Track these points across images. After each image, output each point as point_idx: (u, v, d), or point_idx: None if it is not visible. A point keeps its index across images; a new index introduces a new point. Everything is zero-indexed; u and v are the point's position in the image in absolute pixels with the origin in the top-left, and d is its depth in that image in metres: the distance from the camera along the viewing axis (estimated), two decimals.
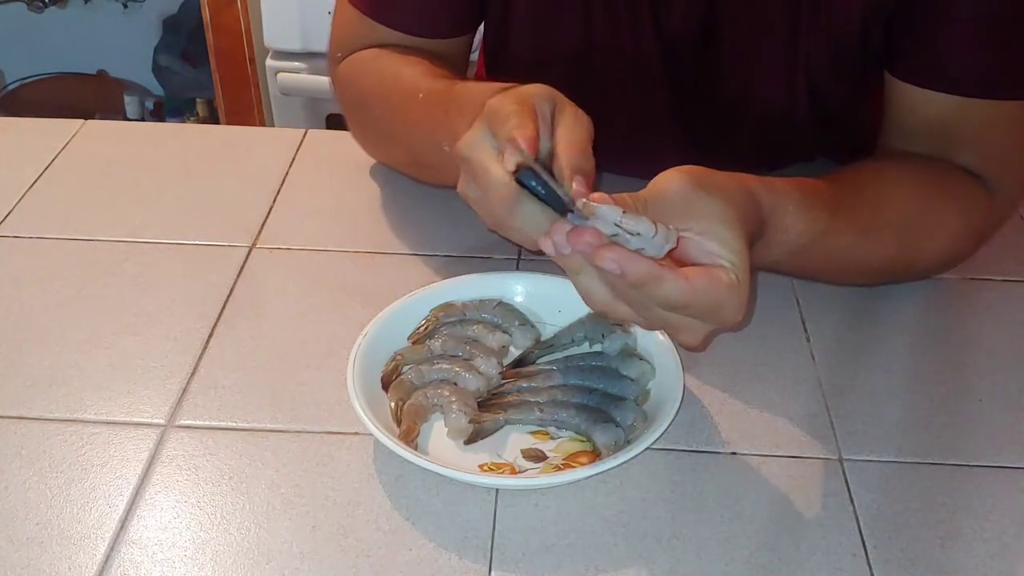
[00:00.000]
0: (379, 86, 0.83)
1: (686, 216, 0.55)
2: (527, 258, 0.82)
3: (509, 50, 0.92)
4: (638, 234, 0.52)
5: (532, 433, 0.66)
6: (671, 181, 0.56)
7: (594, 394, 0.66)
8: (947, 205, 0.75)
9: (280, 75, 1.81)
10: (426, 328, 0.71)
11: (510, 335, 0.72)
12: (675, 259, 0.55)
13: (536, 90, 0.64)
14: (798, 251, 0.65)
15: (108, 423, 0.66)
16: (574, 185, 0.56)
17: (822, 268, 0.74)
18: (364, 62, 0.85)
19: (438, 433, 0.65)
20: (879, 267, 0.76)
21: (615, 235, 0.53)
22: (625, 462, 0.61)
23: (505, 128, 0.59)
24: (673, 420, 0.63)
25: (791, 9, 0.78)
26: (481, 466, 0.63)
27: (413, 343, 0.71)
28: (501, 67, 0.96)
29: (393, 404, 0.66)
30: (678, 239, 0.55)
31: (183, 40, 2.48)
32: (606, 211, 0.52)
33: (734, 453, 0.65)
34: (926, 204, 0.73)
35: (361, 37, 0.86)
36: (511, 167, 0.57)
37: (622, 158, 0.92)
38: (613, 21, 0.82)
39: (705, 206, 0.55)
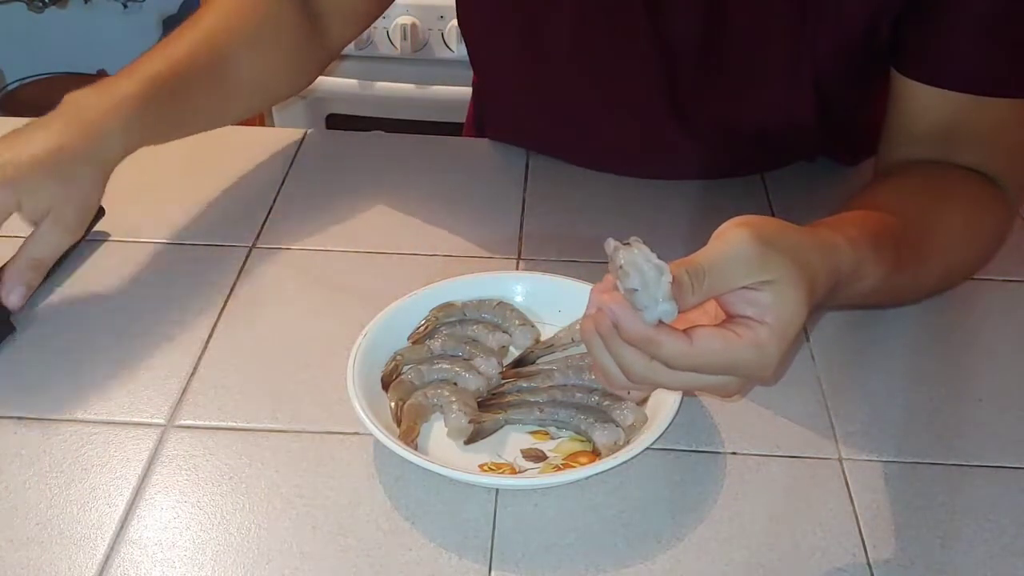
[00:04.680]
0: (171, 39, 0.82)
1: (750, 279, 0.52)
2: (527, 258, 0.82)
3: (501, 51, 0.91)
4: (635, 289, 0.50)
5: (532, 433, 0.66)
6: (737, 244, 0.52)
7: (594, 394, 0.66)
8: (975, 215, 0.74)
9: None
10: (426, 328, 0.71)
11: (510, 335, 0.72)
12: (720, 302, 0.54)
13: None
14: (870, 293, 0.63)
15: (108, 423, 0.66)
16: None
17: (883, 302, 0.73)
18: (204, 18, 0.84)
19: (438, 433, 0.65)
20: (930, 288, 0.75)
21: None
22: (625, 462, 0.61)
23: None
24: (673, 420, 0.63)
25: (796, 11, 0.77)
26: (481, 466, 0.63)
27: (413, 343, 0.71)
28: (494, 67, 0.96)
29: (393, 404, 0.66)
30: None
31: None
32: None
33: (734, 453, 0.65)
34: (962, 218, 0.73)
35: None
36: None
37: (622, 157, 0.92)
38: (607, 26, 0.82)
39: (773, 265, 0.52)
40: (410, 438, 0.63)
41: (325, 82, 1.70)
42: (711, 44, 0.81)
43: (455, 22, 1.71)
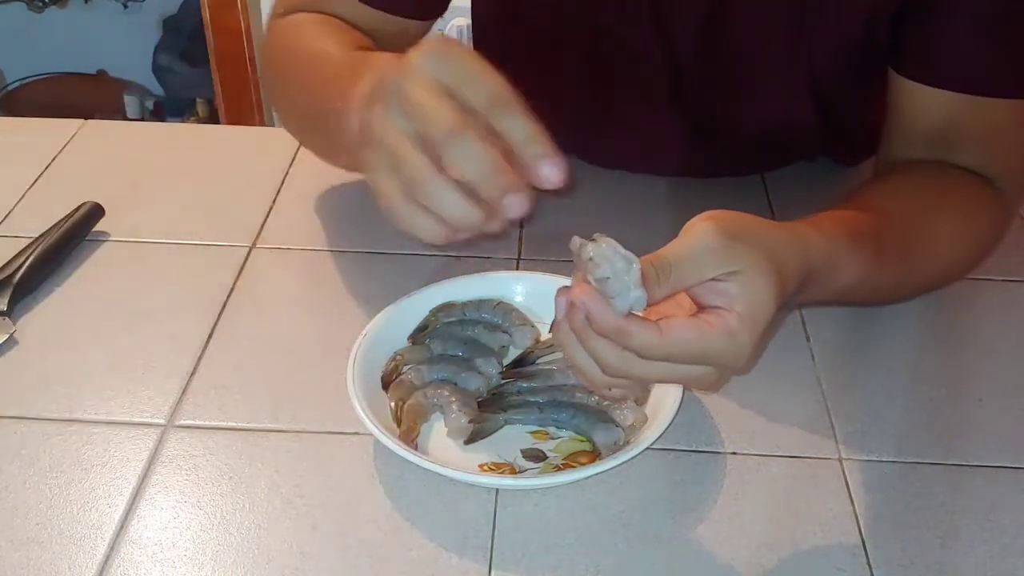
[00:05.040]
0: (310, 45, 0.77)
1: (717, 270, 0.52)
2: (527, 258, 0.82)
3: (505, 47, 0.91)
4: (607, 278, 0.51)
5: (532, 433, 0.66)
6: (702, 236, 0.52)
7: (594, 394, 0.66)
8: (969, 214, 0.75)
9: None
10: (426, 328, 0.71)
11: (510, 335, 0.72)
12: (691, 296, 0.54)
13: (428, 58, 0.53)
14: (848, 289, 0.63)
15: (108, 423, 0.66)
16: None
17: (867, 298, 0.73)
18: (307, 22, 0.80)
19: (438, 433, 0.65)
20: (919, 286, 0.76)
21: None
22: (625, 462, 0.61)
23: (434, 130, 0.51)
24: (673, 420, 0.63)
25: (795, 11, 0.78)
26: (481, 466, 0.63)
27: (413, 343, 0.71)
28: (497, 64, 0.96)
29: (393, 404, 0.66)
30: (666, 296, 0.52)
31: (183, 40, 2.48)
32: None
33: (734, 453, 0.65)
34: (951, 218, 0.73)
35: (313, 2, 0.82)
36: None
37: (624, 156, 0.92)
38: (611, 25, 0.82)
39: (739, 256, 0.52)
40: (410, 438, 0.63)
41: None
42: (712, 44, 0.81)
43: (455, 22, 1.71)
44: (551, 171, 0.51)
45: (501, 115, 0.51)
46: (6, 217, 0.86)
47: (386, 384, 0.67)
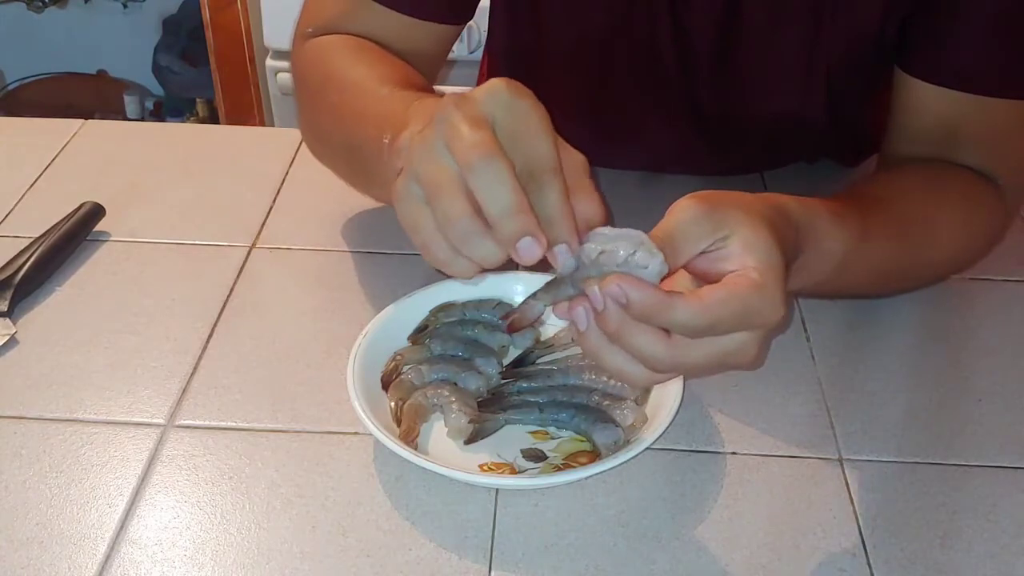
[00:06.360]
0: (344, 74, 0.75)
1: (706, 237, 0.52)
2: None
3: (520, 38, 0.91)
4: (633, 251, 0.50)
5: (532, 433, 0.66)
6: (684, 210, 0.53)
7: (594, 394, 0.66)
8: (966, 206, 0.74)
9: (280, 75, 1.81)
10: (426, 328, 0.72)
11: (510, 335, 0.72)
12: (703, 276, 0.54)
13: (489, 96, 0.52)
14: (839, 266, 0.62)
15: (108, 423, 0.66)
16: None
17: (859, 283, 0.72)
18: (339, 46, 0.78)
19: (438, 433, 0.65)
20: (918, 274, 0.75)
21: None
22: (625, 462, 0.61)
23: (466, 154, 0.49)
24: (673, 420, 0.63)
25: (810, 12, 0.77)
26: (481, 466, 0.63)
27: (413, 343, 0.71)
28: (510, 58, 0.95)
29: (393, 404, 0.66)
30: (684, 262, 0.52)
31: (183, 40, 2.48)
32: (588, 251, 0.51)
33: (734, 453, 0.65)
34: (947, 208, 0.73)
35: (342, 16, 0.80)
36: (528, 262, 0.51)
37: (630, 151, 0.92)
38: (628, 23, 0.82)
39: (725, 219, 0.52)
40: (410, 438, 0.63)
41: None
42: (727, 39, 0.81)
43: None
44: (564, 258, 0.51)
45: (541, 183, 0.50)
46: (6, 217, 0.86)
47: (386, 384, 0.67)
